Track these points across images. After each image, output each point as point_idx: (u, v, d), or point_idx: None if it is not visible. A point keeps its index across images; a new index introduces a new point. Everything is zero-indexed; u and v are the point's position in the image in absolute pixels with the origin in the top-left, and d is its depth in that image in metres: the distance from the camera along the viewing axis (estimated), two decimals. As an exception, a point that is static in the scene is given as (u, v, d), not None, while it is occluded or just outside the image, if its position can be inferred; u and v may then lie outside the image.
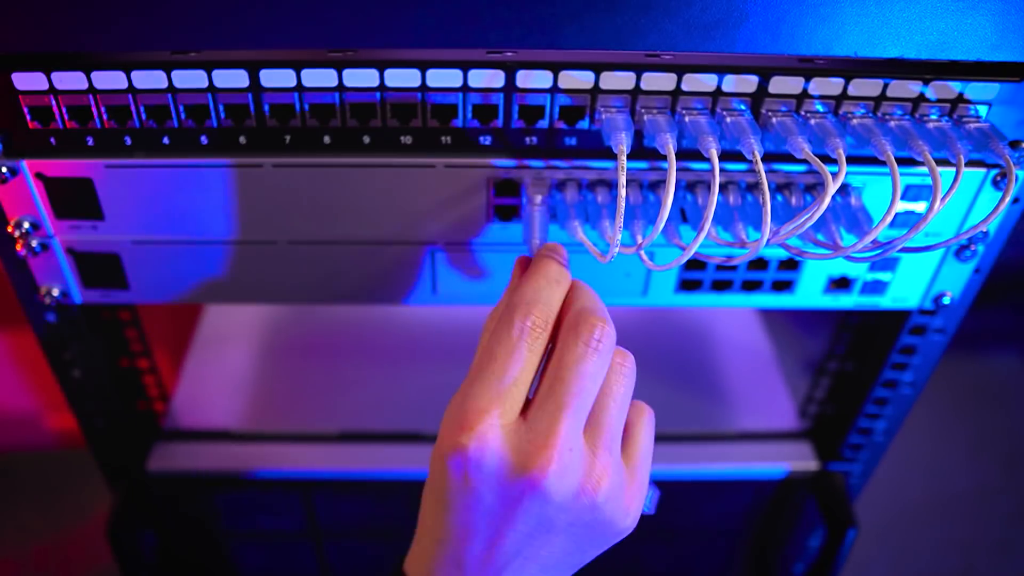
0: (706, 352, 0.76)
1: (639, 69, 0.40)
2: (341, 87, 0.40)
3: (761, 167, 0.37)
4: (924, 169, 0.43)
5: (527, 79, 0.40)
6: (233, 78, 0.40)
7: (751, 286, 0.49)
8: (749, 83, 0.40)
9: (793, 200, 0.44)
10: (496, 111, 0.41)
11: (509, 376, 0.35)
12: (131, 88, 0.40)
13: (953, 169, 0.38)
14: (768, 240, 0.38)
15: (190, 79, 0.40)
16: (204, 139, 0.42)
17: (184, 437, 0.65)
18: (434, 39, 0.38)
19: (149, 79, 0.40)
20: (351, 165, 0.43)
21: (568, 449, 0.34)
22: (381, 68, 0.40)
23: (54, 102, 0.40)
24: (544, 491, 0.34)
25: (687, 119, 0.40)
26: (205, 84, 0.40)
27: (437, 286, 0.49)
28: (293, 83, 0.40)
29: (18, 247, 0.45)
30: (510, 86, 0.40)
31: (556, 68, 0.40)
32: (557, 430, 0.34)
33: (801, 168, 0.44)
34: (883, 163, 0.39)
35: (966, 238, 0.45)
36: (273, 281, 0.48)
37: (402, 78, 0.40)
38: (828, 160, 0.38)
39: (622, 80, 0.40)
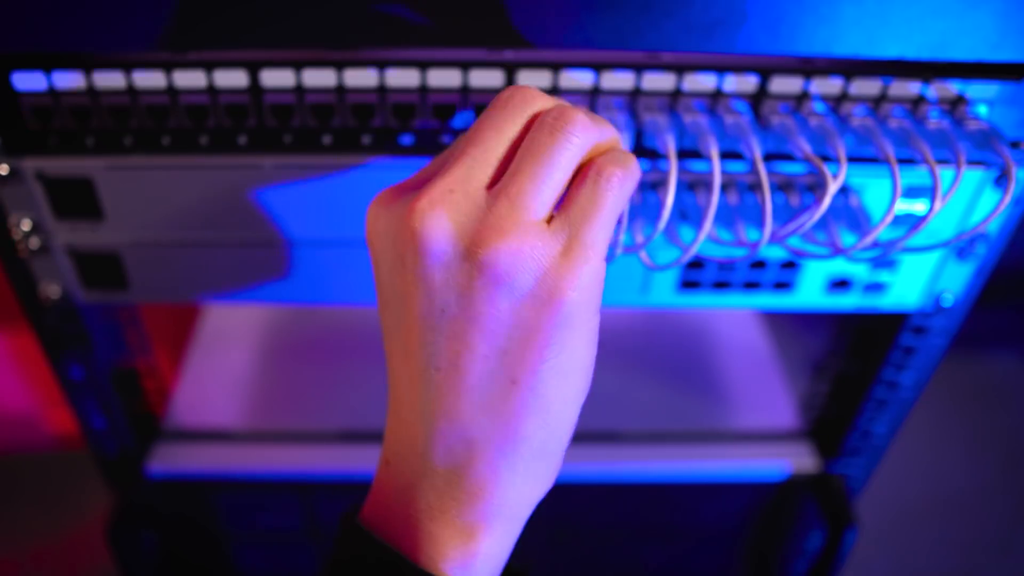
0: (706, 352, 0.76)
1: (639, 69, 0.40)
2: (341, 87, 0.40)
3: (761, 167, 0.37)
4: (924, 169, 0.43)
5: (527, 79, 0.40)
6: (233, 78, 0.40)
7: (751, 286, 0.49)
8: (749, 83, 0.40)
9: (793, 200, 0.44)
10: (496, 111, 0.41)
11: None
12: (131, 88, 0.40)
13: (953, 169, 0.38)
14: (768, 240, 0.38)
15: (190, 79, 0.40)
16: (204, 139, 0.42)
17: (184, 437, 0.65)
18: (434, 39, 0.38)
19: (149, 79, 0.40)
20: (351, 165, 0.43)
21: (448, 190, 0.28)
22: (381, 68, 0.40)
23: (54, 102, 0.40)
24: (421, 240, 0.28)
25: (687, 119, 0.40)
26: (205, 84, 0.40)
27: (437, 286, 0.49)
28: (293, 83, 0.40)
29: (18, 247, 0.45)
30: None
31: (556, 68, 0.40)
32: (442, 173, 0.29)
33: (801, 168, 0.44)
34: (883, 163, 0.39)
35: (967, 238, 0.46)
36: (273, 281, 0.48)
37: (402, 78, 0.40)
38: (828, 160, 0.38)
39: (622, 80, 0.40)
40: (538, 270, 0.28)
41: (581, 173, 0.30)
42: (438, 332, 0.29)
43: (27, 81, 0.40)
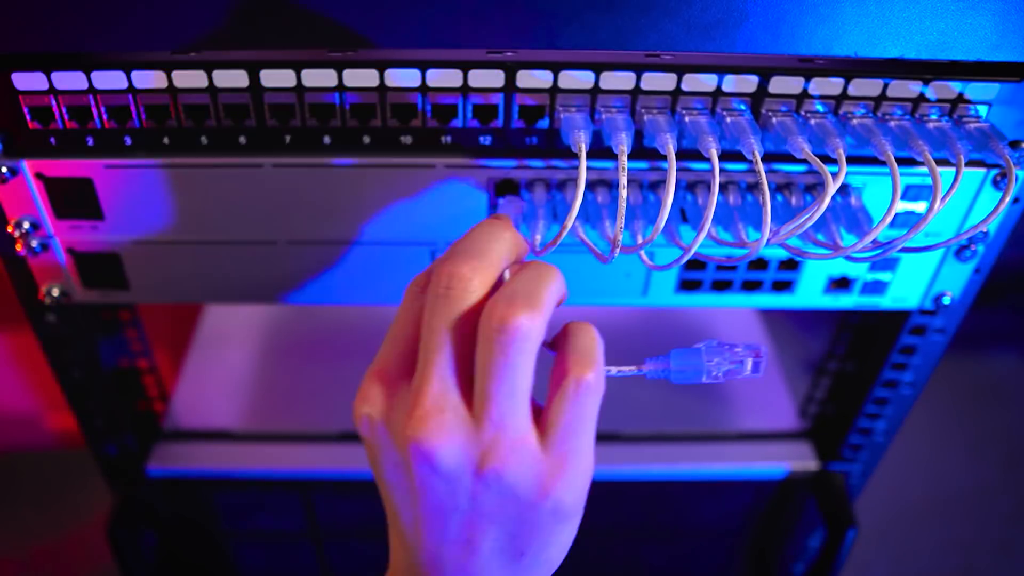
0: (706, 352, 0.76)
1: (639, 69, 0.40)
2: (341, 87, 0.40)
3: (761, 167, 0.37)
4: (924, 169, 0.43)
5: (527, 79, 0.40)
6: (233, 78, 0.40)
7: (751, 286, 0.49)
8: (749, 83, 0.40)
9: (793, 200, 0.44)
10: (496, 111, 0.41)
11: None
12: (131, 88, 0.40)
13: (953, 169, 0.38)
14: (768, 240, 0.38)
15: (190, 79, 0.40)
16: (204, 139, 0.42)
17: (184, 437, 0.65)
18: (434, 39, 0.38)
19: (149, 79, 0.40)
20: (351, 165, 0.43)
21: (440, 410, 0.30)
22: (381, 68, 0.40)
23: (54, 102, 0.40)
24: (432, 460, 0.30)
25: (687, 119, 0.40)
26: (205, 84, 0.40)
27: (437, 286, 0.49)
28: (293, 83, 0.40)
29: (18, 247, 0.45)
30: (510, 86, 0.40)
31: (556, 68, 0.40)
32: (424, 387, 0.31)
33: (801, 168, 0.44)
34: (883, 163, 0.39)
35: (966, 238, 0.45)
36: (273, 281, 0.48)
37: (402, 78, 0.40)
38: (828, 160, 0.38)
39: (622, 80, 0.40)
40: (539, 485, 0.31)
41: (559, 383, 0.32)
42: (452, 521, 0.32)
43: (27, 81, 0.40)
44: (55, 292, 0.48)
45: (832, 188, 0.36)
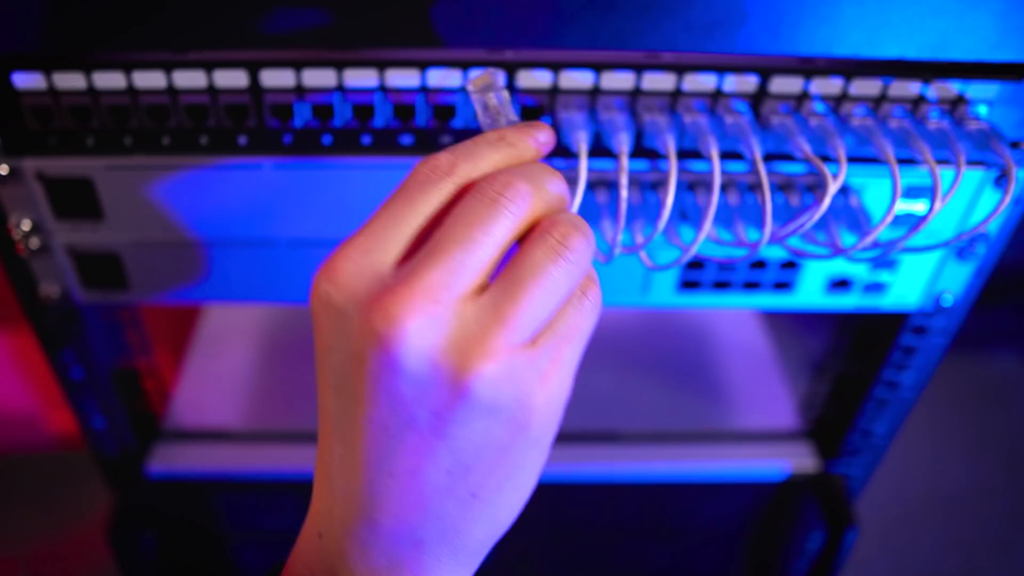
0: (706, 352, 0.76)
1: (639, 69, 0.40)
2: (341, 87, 0.40)
3: (761, 167, 0.37)
4: (924, 169, 0.43)
5: (527, 79, 0.40)
6: (233, 78, 0.40)
7: (751, 286, 0.49)
8: (749, 83, 0.40)
9: (793, 200, 0.44)
10: (496, 111, 0.41)
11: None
12: (131, 88, 0.40)
13: (953, 169, 0.38)
14: (768, 240, 0.38)
15: (190, 79, 0.40)
16: (204, 139, 0.42)
17: (184, 437, 0.65)
18: (435, 39, 0.38)
19: (149, 79, 0.40)
20: (351, 165, 0.43)
21: (433, 301, 0.26)
22: (381, 68, 0.40)
23: (54, 102, 0.40)
24: (398, 352, 0.26)
25: (687, 119, 0.40)
26: (205, 84, 0.40)
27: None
28: (293, 83, 0.40)
29: (18, 247, 0.45)
30: (510, 86, 0.40)
31: (556, 68, 0.40)
32: (422, 275, 0.26)
33: (801, 168, 0.44)
34: (883, 163, 0.39)
35: (967, 238, 0.45)
36: (273, 281, 0.48)
37: (402, 78, 0.40)
38: (828, 160, 0.38)
39: (622, 80, 0.40)
40: (520, 395, 0.27)
41: (569, 297, 0.29)
42: (397, 441, 0.27)
43: (27, 81, 0.40)
44: (55, 292, 0.48)
45: (833, 188, 0.36)
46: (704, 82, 0.40)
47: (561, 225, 0.28)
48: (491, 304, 0.27)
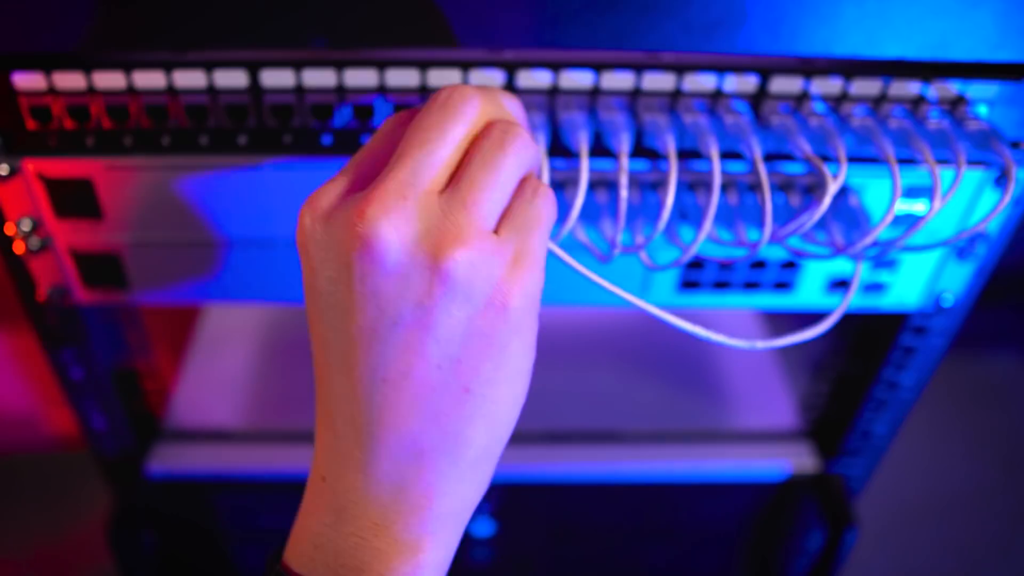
0: (706, 352, 0.76)
1: (639, 69, 0.40)
2: (341, 87, 0.40)
3: (761, 167, 0.37)
4: (924, 169, 0.43)
5: (527, 79, 0.40)
6: (233, 78, 0.40)
7: (751, 286, 0.49)
8: (749, 83, 0.40)
9: (793, 200, 0.44)
10: (496, 111, 0.41)
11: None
12: (131, 88, 0.40)
13: (953, 169, 0.38)
14: (768, 240, 0.38)
15: (190, 79, 0.40)
16: (204, 139, 0.42)
17: (184, 437, 0.65)
18: (434, 39, 0.38)
19: (149, 79, 0.40)
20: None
21: (402, 197, 0.28)
22: (381, 68, 0.40)
23: (54, 102, 0.40)
24: (378, 247, 0.28)
25: (687, 119, 0.40)
26: (205, 84, 0.40)
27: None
28: (293, 83, 0.40)
29: (18, 247, 0.45)
30: (510, 86, 0.40)
31: (556, 68, 0.40)
32: (390, 176, 0.28)
33: (801, 168, 0.44)
34: (883, 163, 0.39)
35: (966, 238, 0.46)
36: (273, 281, 0.48)
37: (402, 78, 0.40)
38: (828, 160, 0.38)
39: (622, 80, 0.40)
40: (494, 278, 0.29)
41: (520, 186, 0.31)
42: (387, 343, 0.29)
43: (27, 81, 0.40)
44: (55, 292, 0.48)
45: (832, 188, 0.36)
46: (704, 82, 0.40)
47: (502, 123, 0.31)
48: (454, 194, 0.29)
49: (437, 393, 0.29)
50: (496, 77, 0.40)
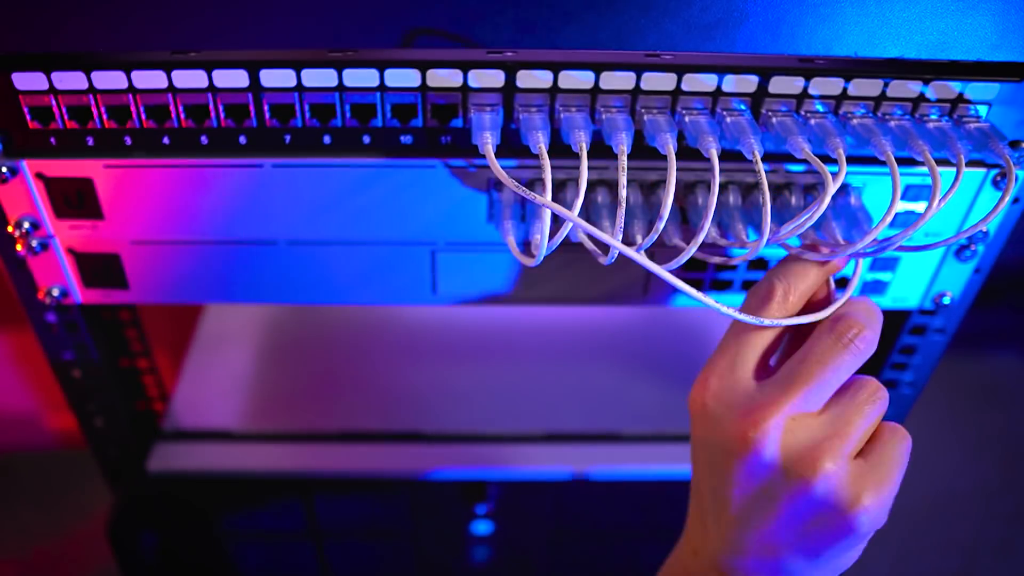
0: (706, 352, 0.76)
1: (639, 69, 0.40)
2: (341, 87, 0.40)
3: (761, 167, 0.37)
4: (924, 169, 0.43)
5: (527, 79, 0.40)
6: (233, 78, 0.40)
7: (751, 286, 0.49)
8: (749, 83, 0.40)
9: (793, 200, 0.44)
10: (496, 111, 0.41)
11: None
12: (131, 88, 0.40)
13: (953, 169, 0.38)
14: (768, 240, 0.38)
15: (190, 79, 0.40)
16: (204, 139, 0.42)
17: (184, 437, 0.65)
18: (433, 39, 0.38)
19: (149, 79, 0.40)
20: (351, 165, 0.43)
21: (792, 417, 0.36)
22: (381, 68, 0.40)
23: (54, 102, 0.40)
24: (758, 448, 0.36)
25: (687, 119, 0.40)
26: (205, 84, 0.40)
27: (437, 286, 0.49)
28: (293, 83, 0.40)
29: (18, 247, 0.45)
30: (510, 86, 0.40)
31: (556, 68, 0.40)
32: (789, 394, 0.37)
33: (801, 168, 0.44)
34: (883, 163, 0.39)
35: (966, 238, 0.46)
36: (273, 281, 0.48)
37: (402, 78, 0.40)
38: (828, 160, 0.38)
39: (622, 80, 0.40)
40: (854, 495, 0.36)
41: (891, 430, 0.38)
42: (758, 508, 0.38)
43: (27, 81, 0.40)
44: (55, 292, 0.48)
45: (832, 188, 0.36)
46: (704, 82, 0.40)
47: (873, 385, 0.38)
48: (829, 422, 0.37)
49: (789, 549, 0.38)
50: (496, 77, 0.40)
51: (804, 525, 0.37)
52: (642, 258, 0.38)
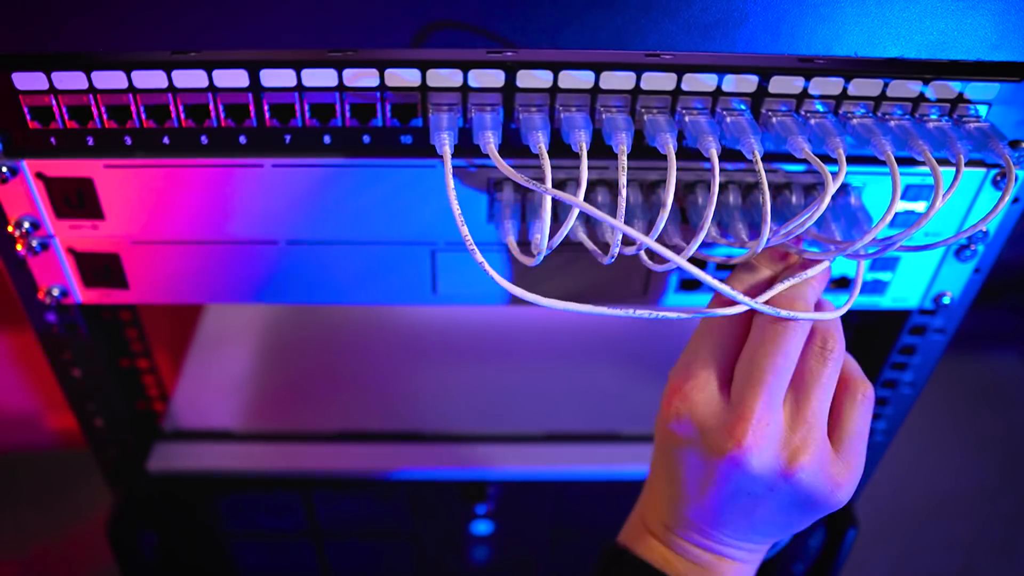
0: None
1: (639, 69, 0.40)
2: (341, 87, 0.40)
3: (761, 167, 0.37)
4: (924, 169, 0.43)
5: (527, 79, 0.40)
6: (233, 78, 0.40)
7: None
8: (749, 83, 0.40)
9: (793, 200, 0.44)
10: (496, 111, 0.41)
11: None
12: (131, 88, 0.40)
13: (953, 169, 0.38)
14: (768, 240, 0.38)
15: (190, 79, 0.40)
16: (204, 139, 0.42)
17: (184, 437, 0.65)
18: (433, 39, 0.38)
19: (149, 79, 0.40)
20: (351, 165, 0.43)
21: (764, 424, 0.38)
22: (381, 68, 0.40)
23: (54, 102, 0.40)
24: (740, 464, 0.38)
25: (687, 119, 0.40)
26: (205, 84, 0.40)
27: (437, 286, 0.49)
28: (293, 83, 0.40)
29: (18, 247, 0.45)
30: (510, 86, 0.40)
31: (556, 68, 0.40)
32: (753, 405, 0.38)
33: (801, 168, 0.44)
34: (883, 163, 0.39)
35: (966, 237, 0.46)
36: (273, 281, 0.48)
37: (402, 78, 0.40)
38: (828, 160, 0.38)
39: (622, 80, 0.40)
40: (831, 483, 0.38)
41: (842, 398, 0.40)
42: (740, 499, 0.39)
43: (27, 81, 0.40)
44: (55, 292, 0.48)
45: (832, 188, 0.36)
46: (704, 82, 0.40)
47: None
48: (799, 415, 0.39)
49: (762, 528, 0.41)
50: (496, 77, 0.40)
51: (775, 509, 0.40)
52: (674, 255, 0.38)
